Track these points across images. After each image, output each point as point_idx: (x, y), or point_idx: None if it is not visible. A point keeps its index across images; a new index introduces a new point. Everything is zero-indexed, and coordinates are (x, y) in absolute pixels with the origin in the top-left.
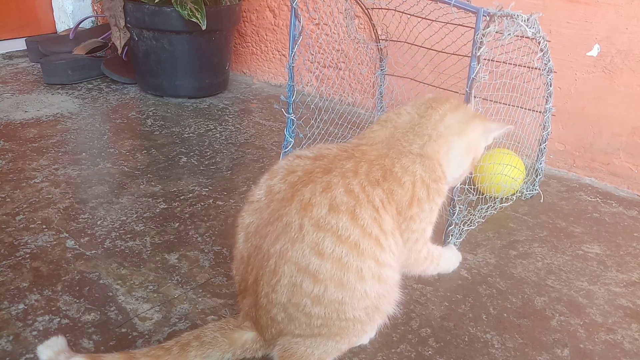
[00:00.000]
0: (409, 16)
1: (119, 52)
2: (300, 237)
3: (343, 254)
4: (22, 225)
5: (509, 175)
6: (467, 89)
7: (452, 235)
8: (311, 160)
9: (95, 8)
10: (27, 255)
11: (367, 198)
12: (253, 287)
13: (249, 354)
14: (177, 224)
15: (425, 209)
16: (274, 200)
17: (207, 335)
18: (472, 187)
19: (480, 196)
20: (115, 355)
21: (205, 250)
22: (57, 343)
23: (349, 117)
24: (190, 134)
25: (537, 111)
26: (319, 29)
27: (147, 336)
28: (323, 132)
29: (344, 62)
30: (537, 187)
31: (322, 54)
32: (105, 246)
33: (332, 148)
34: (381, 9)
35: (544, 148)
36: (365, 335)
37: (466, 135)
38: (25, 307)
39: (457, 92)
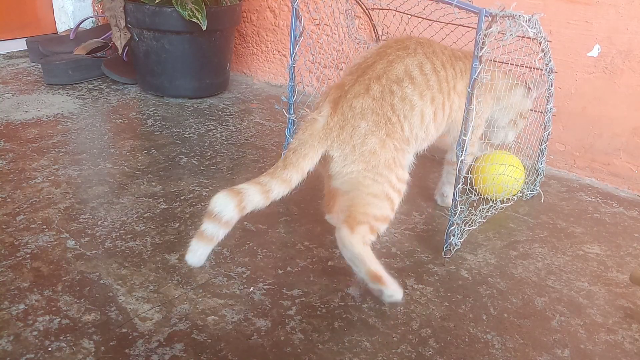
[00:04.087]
0: (409, 16)
1: (120, 52)
2: (414, 53)
3: (432, 80)
4: (22, 226)
5: (510, 175)
6: (469, 90)
7: (453, 235)
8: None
9: (96, 8)
10: (28, 256)
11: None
12: (359, 79)
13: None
14: (178, 224)
15: None
16: (369, 61)
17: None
18: (474, 187)
19: (482, 196)
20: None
21: None
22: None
23: None
24: (191, 134)
25: (537, 111)
26: (319, 29)
27: (147, 336)
28: None
29: (345, 63)
30: (538, 188)
31: (322, 54)
32: (105, 246)
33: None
34: (382, 9)
35: (545, 148)
36: (388, 210)
37: None
38: (26, 307)
39: None
